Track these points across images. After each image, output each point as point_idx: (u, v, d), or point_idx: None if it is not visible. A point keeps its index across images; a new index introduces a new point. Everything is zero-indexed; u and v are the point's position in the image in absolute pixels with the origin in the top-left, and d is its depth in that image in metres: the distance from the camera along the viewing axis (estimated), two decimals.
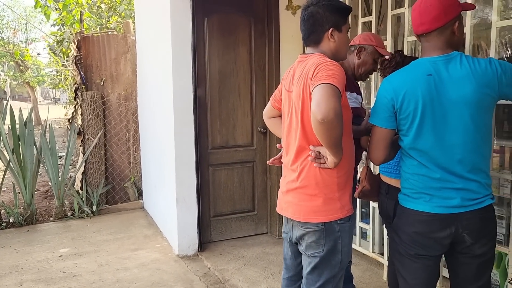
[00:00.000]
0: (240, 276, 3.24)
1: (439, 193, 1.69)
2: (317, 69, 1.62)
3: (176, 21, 3.49)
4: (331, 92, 1.53)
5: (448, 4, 1.65)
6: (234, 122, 3.90)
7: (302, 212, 1.77)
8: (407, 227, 1.78)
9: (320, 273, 1.78)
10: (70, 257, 3.68)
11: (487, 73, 1.60)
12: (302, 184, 1.77)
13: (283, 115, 1.90)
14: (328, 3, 1.76)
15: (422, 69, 1.65)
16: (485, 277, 1.78)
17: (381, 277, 3.14)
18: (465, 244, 1.71)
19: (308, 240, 1.78)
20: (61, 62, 10.27)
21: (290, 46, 3.90)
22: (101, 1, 8.65)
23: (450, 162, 1.66)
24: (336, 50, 1.79)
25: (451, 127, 1.63)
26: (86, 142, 5.22)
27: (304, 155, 1.76)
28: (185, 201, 3.64)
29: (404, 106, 1.66)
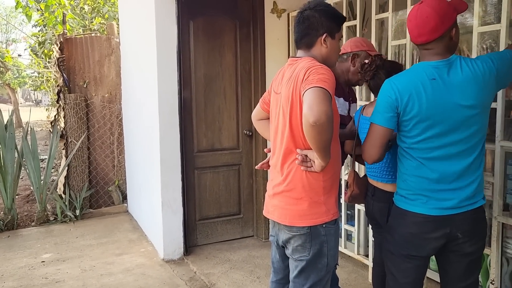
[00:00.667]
0: (226, 280, 3.23)
1: (435, 195, 1.73)
2: (308, 72, 1.63)
3: (161, 23, 3.47)
4: (323, 95, 1.55)
5: (444, 13, 1.67)
6: (219, 125, 3.89)
7: (288, 216, 1.78)
8: (402, 228, 1.82)
9: (307, 276, 1.79)
10: (53, 263, 3.62)
11: (485, 73, 1.67)
12: (288, 188, 1.77)
13: (271, 117, 1.91)
14: (325, 9, 1.78)
15: (426, 73, 1.69)
16: (474, 276, 1.84)
17: (366, 279, 3.17)
18: (457, 242, 1.77)
19: (294, 244, 1.78)
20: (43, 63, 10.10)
21: (275, 49, 3.91)
22: (84, 2, 8.55)
23: (450, 164, 1.71)
24: (327, 56, 1.80)
25: (453, 130, 1.68)
26: (69, 145, 5.15)
27: (291, 158, 1.76)
28: (170, 204, 3.61)
29: (409, 108, 1.69)
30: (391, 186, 2.14)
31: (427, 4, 1.70)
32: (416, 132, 1.71)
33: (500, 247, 2.36)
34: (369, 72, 2.20)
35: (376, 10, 3.00)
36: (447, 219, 1.73)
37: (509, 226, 2.35)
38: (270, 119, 1.92)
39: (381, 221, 2.23)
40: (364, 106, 2.31)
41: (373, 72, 2.19)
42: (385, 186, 2.16)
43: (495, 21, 2.38)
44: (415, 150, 1.75)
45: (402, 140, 1.79)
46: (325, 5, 1.81)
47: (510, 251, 2.36)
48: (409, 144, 1.75)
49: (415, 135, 1.72)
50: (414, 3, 2.70)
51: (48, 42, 7.94)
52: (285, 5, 3.92)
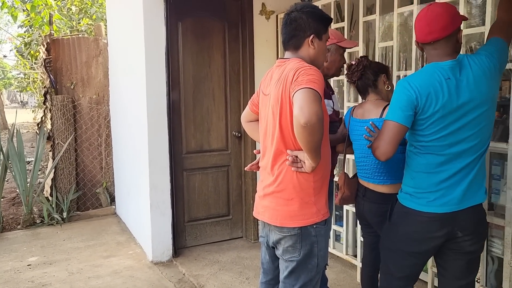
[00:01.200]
0: (215, 281, 3.22)
1: (443, 192, 1.77)
2: (297, 73, 1.64)
3: (149, 24, 3.46)
4: (313, 96, 1.56)
5: (454, 14, 1.75)
6: (208, 127, 3.89)
7: (279, 217, 1.78)
8: (407, 226, 1.85)
9: (297, 277, 1.79)
10: (39, 266, 3.57)
11: (491, 68, 1.75)
12: (279, 188, 1.78)
13: (260, 119, 1.91)
14: (312, 10, 1.80)
15: (441, 73, 1.73)
16: (472, 275, 1.89)
17: (354, 278, 3.19)
18: (456, 240, 1.81)
19: (285, 245, 1.79)
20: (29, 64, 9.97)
21: (264, 50, 3.92)
22: (72, 3, 8.47)
23: (459, 160, 1.76)
24: (314, 57, 1.81)
25: (465, 127, 1.73)
26: (56, 147, 5.09)
27: (281, 159, 1.77)
28: (159, 206, 3.59)
29: (427, 106, 1.73)
30: (382, 187, 2.16)
31: (436, 5, 1.79)
32: (432, 130, 1.75)
33: (486, 246, 2.39)
34: (357, 73, 2.22)
35: (363, 12, 3.03)
36: (451, 216, 1.78)
37: (494, 226, 2.39)
38: (259, 121, 1.93)
39: (372, 221, 2.25)
40: (353, 107, 2.32)
41: (361, 72, 2.21)
42: (376, 187, 2.18)
43: (480, 24, 2.42)
44: (428, 147, 1.78)
45: (415, 139, 1.82)
46: (311, 6, 1.83)
47: (495, 250, 2.40)
48: (423, 142, 1.79)
49: (430, 133, 1.76)
50: (401, 6, 2.75)
51: (35, 43, 7.84)
52: (274, 6, 3.93)
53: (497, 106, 2.38)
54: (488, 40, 1.89)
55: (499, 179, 2.36)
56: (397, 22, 2.79)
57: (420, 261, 1.88)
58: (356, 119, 2.23)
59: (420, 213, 1.81)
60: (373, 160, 2.15)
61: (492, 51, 1.79)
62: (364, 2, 3.02)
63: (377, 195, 2.18)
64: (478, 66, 1.74)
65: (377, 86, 2.22)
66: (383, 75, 2.22)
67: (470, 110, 1.73)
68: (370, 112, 2.18)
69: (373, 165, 2.17)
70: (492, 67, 1.75)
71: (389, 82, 2.24)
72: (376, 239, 2.33)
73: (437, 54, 1.77)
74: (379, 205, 2.17)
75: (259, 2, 3.88)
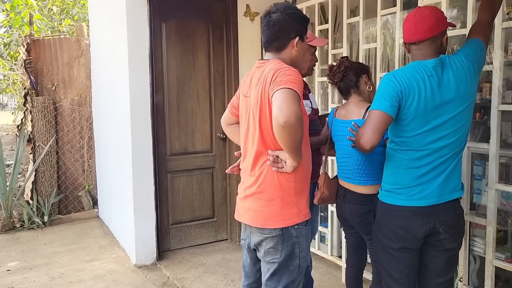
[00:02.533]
0: (200, 284, 3.19)
1: (421, 187, 1.82)
2: (276, 74, 1.64)
3: (132, 25, 3.42)
4: (292, 96, 1.56)
5: (440, 17, 1.82)
6: (193, 128, 3.86)
7: (260, 218, 1.78)
8: (390, 222, 1.88)
9: (279, 278, 1.78)
10: (19, 271, 3.49)
11: (470, 69, 1.80)
12: (260, 189, 1.77)
13: (241, 121, 1.90)
14: (294, 12, 1.79)
15: (424, 70, 1.78)
16: (451, 272, 1.94)
17: (339, 279, 3.20)
18: (438, 237, 1.85)
19: (266, 246, 1.78)
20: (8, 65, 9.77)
21: (248, 52, 3.92)
22: (53, 3, 8.34)
23: (438, 156, 1.80)
24: (296, 58, 1.82)
25: (445, 124, 1.78)
26: (36, 149, 4.99)
27: (262, 160, 1.76)
28: (142, 209, 3.55)
29: (409, 101, 1.77)
30: (362, 187, 2.17)
31: (425, 8, 1.87)
32: (413, 126, 1.79)
33: (467, 245, 2.43)
34: (339, 74, 2.23)
35: (347, 14, 3.06)
36: (431, 211, 1.82)
37: (476, 225, 2.43)
38: (240, 123, 1.92)
39: (353, 222, 2.26)
40: (336, 108, 2.33)
41: (342, 73, 2.22)
42: (356, 187, 2.19)
43: (461, 26, 2.46)
44: (409, 143, 1.82)
45: (397, 134, 1.85)
46: (293, 7, 1.83)
47: (477, 249, 2.44)
48: (404, 138, 1.83)
49: (411, 128, 1.80)
50: (384, 8, 2.78)
51: (14, 43, 7.70)
52: (258, 8, 3.93)
53: (478, 107, 2.44)
54: (467, 40, 1.94)
55: (481, 179, 2.40)
56: (380, 24, 2.81)
57: (412, 256, 1.90)
58: (339, 120, 2.25)
59: (401, 208, 1.85)
60: (354, 161, 2.17)
61: (471, 52, 1.84)
62: (348, 5, 3.05)
63: (357, 196, 2.19)
64: (458, 66, 1.79)
65: (359, 87, 2.23)
66: (365, 76, 2.23)
67: (450, 108, 1.77)
68: (353, 113, 2.19)
69: (354, 166, 2.18)
70: (471, 67, 1.81)
71: (370, 82, 2.26)
72: (359, 239, 2.35)
73: (421, 54, 1.82)
74: (360, 206, 2.19)
75: (244, 4, 3.88)
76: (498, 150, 2.24)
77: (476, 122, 2.43)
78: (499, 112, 2.22)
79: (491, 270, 2.29)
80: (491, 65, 2.23)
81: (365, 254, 2.41)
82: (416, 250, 1.89)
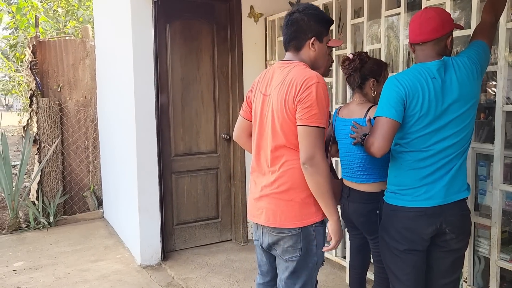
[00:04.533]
0: (204, 284, 3.20)
1: (426, 188, 1.82)
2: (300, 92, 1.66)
3: (137, 27, 3.44)
4: (315, 135, 1.65)
5: (446, 19, 1.82)
6: (197, 129, 3.88)
7: (278, 218, 1.77)
8: (396, 224, 1.89)
9: (298, 276, 1.79)
10: (25, 271, 3.52)
11: (473, 70, 1.81)
12: (279, 190, 1.77)
13: (255, 118, 1.87)
14: (313, 12, 1.79)
15: (427, 72, 1.79)
16: (457, 273, 1.94)
17: (344, 280, 3.20)
18: (444, 238, 1.85)
19: (285, 245, 1.78)
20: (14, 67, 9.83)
21: (252, 53, 3.93)
22: (58, 5, 8.39)
23: (442, 157, 1.81)
24: (315, 59, 1.81)
25: (448, 125, 1.79)
26: (42, 150, 5.02)
27: (281, 159, 1.76)
28: (147, 209, 3.57)
29: (413, 103, 1.78)
30: (365, 186, 2.18)
31: (431, 9, 1.88)
32: (417, 127, 1.80)
33: (472, 246, 2.43)
34: (346, 71, 2.24)
35: (351, 15, 3.06)
36: (437, 211, 1.82)
37: (481, 226, 2.43)
38: (254, 120, 1.88)
39: (357, 222, 2.26)
40: (339, 108, 2.34)
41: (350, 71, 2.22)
42: (359, 186, 2.20)
43: (466, 27, 2.45)
44: (414, 144, 1.83)
45: (401, 136, 1.86)
46: (313, 8, 1.81)
47: (482, 249, 2.43)
48: (408, 139, 1.83)
49: (416, 130, 1.80)
50: (388, 9, 2.78)
51: (20, 45, 7.75)
52: (262, 9, 3.94)
53: (483, 108, 2.44)
54: (471, 42, 1.95)
55: (485, 180, 2.39)
56: (384, 25, 2.81)
57: (419, 257, 1.89)
58: (341, 119, 2.26)
59: (406, 209, 1.85)
60: (356, 159, 2.18)
61: (474, 54, 1.85)
62: (352, 5, 3.05)
63: (361, 194, 2.20)
64: (461, 67, 1.80)
65: (363, 89, 2.23)
66: (372, 80, 2.21)
67: (453, 109, 1.78)
68: (354, 112, 2.21)
69: (356, 164, 2.19)
70: (474, 69, 1.81)
71: (376, 88, 2.21)
72: (363, 241, 2.35)
73: (424, 55, 1.83)
74: (364, 204, 2.19)
75: (248, 5, 3.90)
76: (503, 151, 2.23)
77: (480, 122, 2.43)
78: (504, 112, 2.21)
79: (496, 271, 2.29)
80: (495, 65, 2.23)
81: (369, 256, 2.42)
82: (423, 251, 1.89)
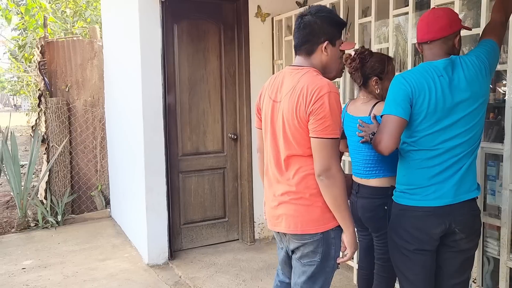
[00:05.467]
0: (211, 284, 3.21)
1: (435, 187, 1.81)
2: (312, 102, 1.62)
3: (144, 27, 3.45)
4: (330, 147, 1.64)
5: (454, 18, 1.82)
6: (204, 129, 3.88)
7: (299, 223, 1.73)
8: (405, 223, 1.88)
9: (315, 280, 1.77)
10: (34, 269, 3.54)
11: (481, 69, 1.80)
12: (297, 196, 1.73)
13: (265, 124, 1.83)
14: (326, 15, 1.72)
15: (434, 70, 1.79)
16: (466, 273, 1.93)
17: (351, 280, 3.19)
18: (454, 238, 1.84)
19: (305, 250, 1.75)
20: (22, 67, 9.92)
21: (259, 53, 3.93)
22: (66, 6, 8.45)
23: (451, 156, 1.80)
24: (326, 63, 1.76)
25: (457, 123, 1.78)
26: (50, 150, 5.06)
27: (295, 166, 1.72)
28: (155, 209, 3.58)
29: (420, 101, 1.77)
30: (374, 180, 2.19)
31: (440, 9, 1.89)
32: (425, 125, 1.79)
33: (481, 247, 2.41)
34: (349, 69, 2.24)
35: (359, 15, 3.05)
36: (446, 211, 1.81)
37: (490, 226, 2.41)
38: (265, 126, 1.84)
39: (364, 218, 2.25)
40: (348, 102, 2.35)
41: (352, 70, 2.22)
42: (368, 181, 2.21)
43: (475, 26, 2.44)
44: (422, 143, 1.82)
45: (409, 135, 1.85)
46: (327, 11, 1.74)
47: (491, 250, 2.42)
48: (416, 137, 1.82)
49: (424, 128, 1.80)
50: (396, 8, 2.77)
51: (29, 45, 7.81)
52: (269, 9, 3.94)
53: (492, 107, 2.42)
54: (480, 41, 1.93)
55: (495, 180, 2.37)
56: (392, 25, 2.80)
57: (428, 257, 1.88)
58: (349, 115, 2.27)
59: (415, 209, 1.84)
60: (364, 156, 2.19)
61: (482, 53, 1.84)
62: (360, 5, 3.04)
63: (370, 189, 2.20)
64: (469, 66, 1.79)
65: (367, 87, 2.23)
66: (374, 79, 2.19)
67: (462, 107, 1.77)
68: (360, 110, 2.22)
69: (364, 160, 2.20)
70: (482, 67, 1.80)
71: (379, 86, 2.20)
72: (371, 242, 2.34)
73: (432, 54, 1.83)
74: (372, 199, 2.19)
75: (255, 5, 3.90)
76: None
77: (490, 122, 2.41)
78: None
79: (505, 272, 2.27)
80: (505, 64, 2.21)
81: None
82: (432, 251, 1.88)
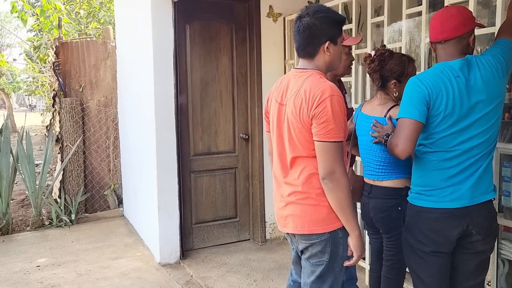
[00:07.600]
0: (223, 283, 3.22)
1: (452, 188, 1.79)
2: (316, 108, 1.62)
3: (157, 27, 3.48)
4: (333, 150, 1.63)
5: (468, 17, 1.79)
6: (216, 129, 3.90)
7: (306, 224, 1.74)
8: (421, 225, 1.86)
9: (324, 280, 1.77)
10: (48, 267, 3.59)
11: (498, 69, 1.78)
12: (303, 195, 1.74)
13: (272, 126, 1.85)
14: (325, 15, 1.71)
15: (450, 71, 1.76)
16: (482, 275, 1.90)
17: (363, 281, 3.17)
18: (470, 240, 1.82)
19: (313, 250, 1.75)
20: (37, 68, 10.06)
21: (271, 53, 3.93)
22: (80, 7, 8.55)
23: (468, 157, 1.78)
24: (331, 62, 1.76)
25: (474, 124, 1.76)
26: (64, 149, 5.12)
27: (301, 167, 1.73)
28: (166, 208, 3.60)
29: (437, 103, 1.75)
30: (387, 182, 2.17)
31: (453, 7, 1.87)
32: (442, 127, 1.77)
33: (496, 249, 2.37)
34: (368, 70, 2.22)
35: (372, 14, 3.03)
36: (463, 212, 1.79)
37: (505, 228, 2.37)
38: (271, 128, 1.86)
39: (375, 219, 2.23)
40: (363, 103, 2.33)
41: (371, 71, 2.20)
42: (381, 182, 2.19)
43: (490, 25, 2.40)
44: (439, 145, 1.80)
45: (426, 137, 1.83)
46: (324, 10, 1.73)
47: (505, 252, 2.38)
48: (433, 139, 1.80)
49: (441, 130, 1.78)
50: (410, 7, 2.74)
51: (44, 46, 7.91)
52: (281, 9, 3.94)
53: (507, 107, 2.38)
54: (495, 40, 1.90)
55: (509, 181, 2.33)
56: (405, 24, 2.78)
57: (444, 259, 1.86)
58: (364, 114, 2.24)
59: (432, 210, 1.82)
60: (375, 156, 2.17)
61: (498, 52, 1.81)
62: (372, 4, 3.02)
63: (382, 190, 2.18)
64: (485, 66, 1.76)
65: (385, 88, 2.21)
66: (393, 82, 2.17)
67: (478, 108, 1.75)
68: (376, 110, 2.19)
69: (376, 161, 2.17)
70: (499, 67, 1.78)
71: (397, 88, 2.17)
72: (383, 246, 2.33)
73: (446, 54, 1.80)
74: (384, 200, 2.18)
75: (267, 5, 3.90)
76: None
77: (505, 122, 2.37)
78: None
79: None
80: None
81: None
82: (448, 254, 1.86)
